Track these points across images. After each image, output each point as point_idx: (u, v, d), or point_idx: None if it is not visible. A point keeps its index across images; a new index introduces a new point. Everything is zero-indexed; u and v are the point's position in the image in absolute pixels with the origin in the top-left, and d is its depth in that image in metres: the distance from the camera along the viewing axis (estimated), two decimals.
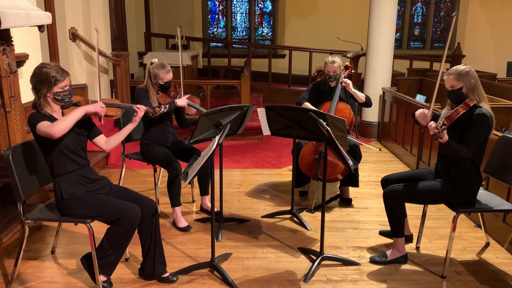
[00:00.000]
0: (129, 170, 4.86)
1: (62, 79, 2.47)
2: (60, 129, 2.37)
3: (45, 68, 2.45)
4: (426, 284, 2.82)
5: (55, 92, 2.46)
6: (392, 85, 6.46)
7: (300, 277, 2.87)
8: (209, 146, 2.62)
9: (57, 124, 2.38)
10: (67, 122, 2.41)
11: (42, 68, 2.46)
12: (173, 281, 2.76)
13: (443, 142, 2.67)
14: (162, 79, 3.46)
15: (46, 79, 2.43)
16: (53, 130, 2.36)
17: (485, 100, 2.76)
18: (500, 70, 8.67)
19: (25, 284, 2.74)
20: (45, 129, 2.38)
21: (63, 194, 2.54)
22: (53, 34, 5.57)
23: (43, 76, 2.43)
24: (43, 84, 2.44)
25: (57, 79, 2.45)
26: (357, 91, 3.93)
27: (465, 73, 2.74)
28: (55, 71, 2.45)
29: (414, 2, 10.68)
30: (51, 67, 2.46)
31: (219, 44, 10.56)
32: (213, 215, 2.86)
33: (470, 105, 2.68)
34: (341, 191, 4.17)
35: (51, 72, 2.44)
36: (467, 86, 2.73)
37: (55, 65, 2.50)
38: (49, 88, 2.45)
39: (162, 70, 3.45)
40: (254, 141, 6.20)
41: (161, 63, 3.49)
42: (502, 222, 3.30)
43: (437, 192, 2.87)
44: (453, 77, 2.76)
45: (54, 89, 2.45)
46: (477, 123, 2.66)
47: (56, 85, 2.45)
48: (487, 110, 2.69)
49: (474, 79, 2.74)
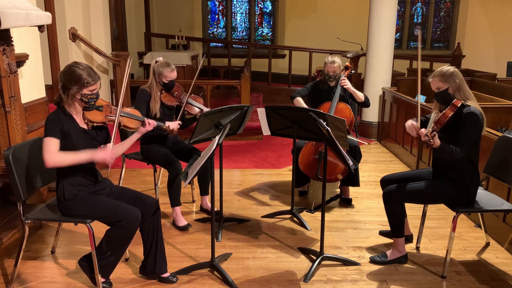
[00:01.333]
0: (129, 170, 4.86)
1: (93, 82, 2.45)
2: (53, 163, 2.38)
3: (78, 69, 2.43)
4: (426, 284, 2.82)
5: (84, 94, 2.45)
6: (392, 85, 6.46)
7: (300, 277, 2.87)
8: (209, 146, 2.62)
9: (57, 158, 2.37)
10: (68, 160, 2.40)
11: (75, 68, 2.44)
12: (173, 282, 2.76)
13: (436, 147, 2.67)
14: (166, 77, 3.44)
15: (79, 80, 2.42)
16: (49, 160, 2.36)
17: (472, 98, 2.77)
18: (500, 70, 8.66)
19: (25, 284, 2.74)
20: (46, 151, 2.37)
21: (66, 195, 2.53)
22: (53, 34, 5.57)
23: (76, 76, 2.42)
24: (75, 84, 2.42)
25: (89, 82, 2.44)
26: (356, 90, 3.94)
27: (450, 74, 2.75)
28: (87, 73, 2.44)
29: (414, 2, 10.68)
30: (83, 68, 2.45)
31: (219, 44, 10.56)
32: (213, 215, 2.86)
33: (457, 105, 2.70)
34: (341, 191, 4.17)
35: (83, 74, 2.42)
36: (453, 86, 2.75)
37: (87, 67, 2.48)
38: (79, 89, 2.43)
39: (167, 68, 3.44)
40: (254, 141, 6.20)
41: (166, 62, 3.47)
42: (502, 222, 3.30)
43: (436, 192, 2.87)
44: (438, 79, 2.78)
45: (84, 91, 2.44)
46: (467, 122, 2.67)
47: (87, 87, 2.44)
48: (475, 108, 2.70)
49: (459, 79, 2.75)
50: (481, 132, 2.73)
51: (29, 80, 3.96)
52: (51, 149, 2.38)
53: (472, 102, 2.74)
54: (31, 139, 2.81)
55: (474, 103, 2.74)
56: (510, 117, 4.47)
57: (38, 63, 4.16)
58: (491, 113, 4.36)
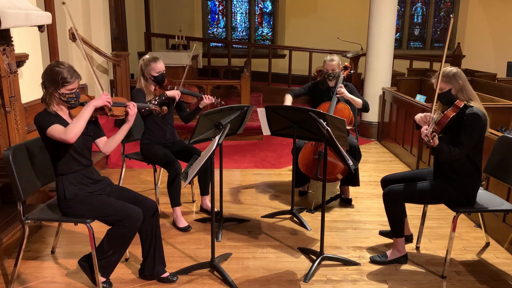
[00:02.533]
0: (129, 170, 4.86)
1: (71, 81, 2.44)
2: (74, 134, 2.37)
3: (57, 68, 2.43)
4: (426, 284, 2.82)
5: (61, 93, 2.45)
6: (392, 85, 6.46)
7: (300, 277, 2.87)
8: (209, 146, 2.62)
9: (71, 129, 2.37)
10: (79, 124, 2.40)
11: (54, 67, 2.44)
12: (173, 281, 2.76)
13: (434, 146, 2.67)
14: (154, 70, 3.46)
15: (55, 79, 2.42)
16: (68, 136, 2.35)
17: (476, 99, 2.76)
18: (500, 70, 8.66)
19: (25, 284, 2.74)
20: (59, 135, 2.37)
21: (66, 194, 2.53)
22: (53, 34, 5.57)
23: (53, 75, 2.42)
24: (52, 83, 2.43)
25: (66, 81, 2.43)
26: (354, 97, 3.90)
27: (453, 75, 2.74)
28: (67, 72, 2.43)
29: (414, 2, 10.68)
30: (63, 68, 2.44)
31: (219, 44, 10.56)
32: (213, 215, 2.86)
33: (459, 106, 2.69)
34: (341, 191, 4.16)
35: (62, 73, 2.42)
36: (456, 87, 2.74)
37: (68, 66, 2.47)
38: (56, 88, 2.43)
39: (153, 61, 3.47)
40: (254, 141, 6.20)
41: (152, 56, 3.52)
42: (502, 222, 3.30)
43: (437, 192, 2.87)
44: (441, 80, 2.76)
45: (61, 90, 2.44)
46: (469, 123, 2.66)
47: (64, 86, 2.43)
48: (478, 109, 2.69)
49: (462, 80, 2.75)
50: (484, 133, 2.72)
51: (29, 80, 3.96)
52: (61, 130, 2.38)
53: (476, 102, 2.73)
54: (31, 139, 2.81)
55: (478, 103, 2.74)
56: (510, 117, 4.47)
57: (38, 63, 4.16)
58: (491, 113, 4.32)
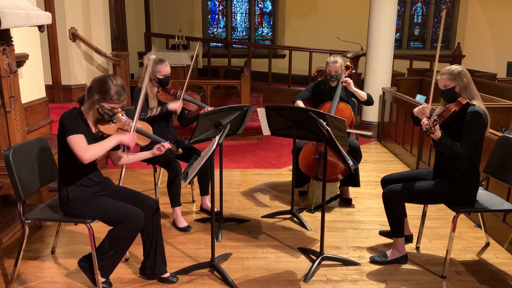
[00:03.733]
0: (129, 170, 4.86)
1: (117, 102, 2.46)
2: (91, 157, 2.38)
3: (111, 83, 2.43)
4: (426, 284, 2.82)
5: (101, 106, 2.45)
6: (392, 85, 6.46)
7: (300, 277, 2.87)
8: (209, 146, 2.62)
9: (91, 153, 2.37)
10: (99, 150, 2.41)
11: (109, 81, 2.44)
12: (173, 282, 2.76)
13: (436, 138, 2.68)
14: (160, 72, 3.46)
15: (105, 92, 2.42)
16: (85, 157, 2.36)
17: (478, 98, 2.78)
18: (500, 70, 8.66)
19: (25, 284, 2.74)
20: (77, 149, 2.36)
21: (69, 195, 2.53)
22: (53, 34, 5.57)
23: (105, 88, 2.42)
24: (99, 93, 2.43)
25: (113, 100, 2.44)
26: (358, 90, 3.94)
27: (458, 73, 2.76)
28: (116, 91, 2.44)
29: (414, 2, 10.68)
30: (116, 85, 2.44)
31: (219, 44, 10.56)
32: (213, 215, 2.86)
33: (462, 103, 2.71)
34: (341, 191, 4.16)
35: (112, 90, 2.42)
36: (460, 85, 2.76)
37: (121, 85, 2.47)
38: (101, 100, 2.44)
39: (160, 63, 3.46)
40: (254, 141, 6.20)
41: (159, 58, 3.50)
42: (502, 222, 3.30)
43: (437, 192, 2.87)
44: (446, 77, 2.79)
45: (104, 104, 2.44)
46: (471, 121, 2.68)
47: (109, 103, 2.44)
48: (480, 107, 2.71)
49: (467, 78, 2.77)
50: (484, 132, 2.74)
51: (29, 80, 3.96)
52: (81, 146, 2.38)
53: (478, 102, 2.75)
54: (31, 139, 2.81)
55: (480, 103, 2.75)
56: (510, 117, 4.47)
57: (38, 63, 4.16)
58: (491, 113, 4.31)
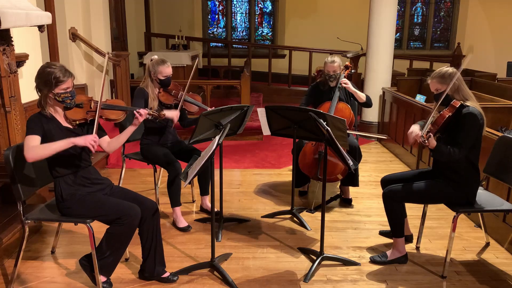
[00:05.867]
0: (129, 170, 4.86)
1: (64, 80, 2.43)
2: (33, 156, 2.34)
3: (49, 68, 2.42)
4: (426, 284, 2.82)
5: (56, 93, 2.43)
6: (392, 85, 6.47)
7: (300, 277, 2.87)
8: (209, 146, 2.62)
9: (34, 151, 2.34)
10: (45, 151, 2.36)
11: (46, 68, 2.43)
12: (173, 281, 2.76)
13: (432, 147, 2.67)
14: (162, 73, 3.46)
15: (48, 80, 2.40)
16: (27, 154, 2.33)
17: (472, 99, 2.77)
18: (500, 70, 8.66)
19: (25, 284, 2.74)
20: (24, 148, 2.35)
21: (63, 194, 2.54)
22: (53, 34, 5.57)
23: (46, 76, 2.41)
24: (45, 84, 2.41)
25: (59, 81, 2.41)
26: (357, 91, 3.93)
27: (448, 75, 2.75)
28: (59, 71, 2.42)
29: (414, 2, 10.68)
30: (55, 67, 2.43)
31: (219, 44, 10.56)
32: (213, 215, 2.86)
33: (456, 106, 2.70)
34: (341, 191, 4.16)
35: (54, 73, 2.40)
36: (451, 88, 2.74)
37: (60, 66, 2.46)
38: (50, 89, 2.42)
39: (162, 64, 3.46)
40: (254, 141, 6.20)
41: (161, 59, 3.50)
42: (502, 222, 3.30)
43: (437, 192, 2.87)
44: (436, 80, 2.78)
45: (55, 90, 2.42)
46: (466, 122, 2.67)
47: (58, 86, 2.42)
48: (474, 108, 2.70)
49: (458, 80, 2.75)
50: (481, 132, 2.73)
51: (29, 80, 3.95)
52: (29, 145, 2.35)
53: (472, 102, 2.74)
54: None
55: (474, 103, 2.74)
56: (510, 117, 4.47)
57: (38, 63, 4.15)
58: (491, 113, 4.36)
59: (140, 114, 2.68)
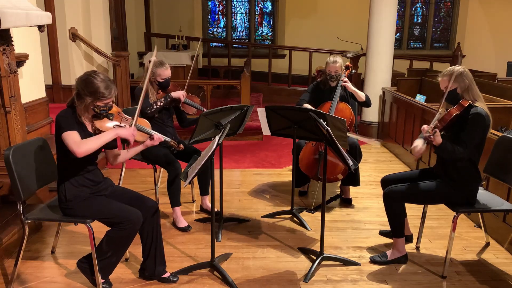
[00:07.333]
0: (129, 170, 4.86)
1: (108, 96, 2.45)
2: (86, 151, 2.36)
3: (96, 81, 2.41)
4: (426, 284, 2.82)
5: (97, 105, 2.45)
6: (392, 85, 6.46)
7: (300, 277, 2.87)
8: (209, 146, 2.62)
9: (86, 145, 2.35)
10: (95, 144, 2.39)
11: (93, 79, 2.42)
12: (173, 281, 2.76)
13: (437, 144, 2.67)
14: (161, 76, 3.46)
15: (94, 93, 2.40)
16: (79, 150, 2.33)
17: (481, 100, 2.77)
18: (500, 70, 8.65)
19: (25, 284, 2.74)
20: (72, 144, 2.35)
21: (67, 195, 2.53)
22: (53, 34, 5.57)
23: (93, 88, 2.40)
24: (90, 95, 2.41)
25: (104, 96, 2.43)
26: (357, 90, 3.94)
27: (459, 74, 2.74)
28: (105, 86, 2.42)
29: (414, 2, 10.68)
30: (101, 80, 2.43)
31: (219, 44, 10.56)
32: (213, 215, 2.86)
33: (464, 105, 2.69)
34: (342, 190, 4.16)
35: (100, 87, 2.40)
36: (462, 87, 2.74)
37: (105, 78, 2.46)
38: (94, 101, 2.43)
39: (160, 67, 3.45)
40: (254, 141, 6.20)
41: (160, 61, 3.50)
42: (502, 222, 3.30)
43: (437, 192, 2.87)
44: (447, 79, 2.76)
45: (98, 103, 2.44)
46: (472, 122, 2.67)
47: (101, 100, 2.44)
48: (482, 109, 2.70)
49: (469, 79, 2.75)
50: (486, 133, 2.73)
51: (29, 80, 3.96)
52: (75, 140, 2.36)
53: (480, 103, 2.74)
54: (31, 139, 2.81)
55: (482, 104, 2.74)
56: (510, 117, 4.46)
57: (38, 63, 4.16)
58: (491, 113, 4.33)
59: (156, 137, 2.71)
